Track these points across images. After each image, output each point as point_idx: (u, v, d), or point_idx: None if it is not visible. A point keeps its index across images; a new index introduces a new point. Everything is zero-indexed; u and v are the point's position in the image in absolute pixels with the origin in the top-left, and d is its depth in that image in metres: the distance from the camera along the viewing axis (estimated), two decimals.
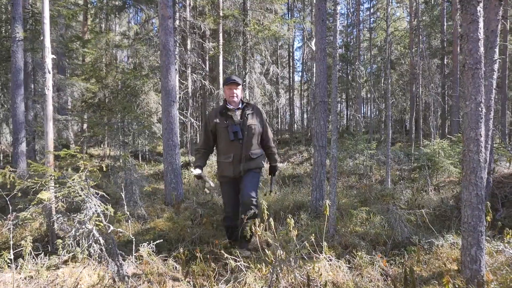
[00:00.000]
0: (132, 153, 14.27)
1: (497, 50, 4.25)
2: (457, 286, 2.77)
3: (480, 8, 2.84)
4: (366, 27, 25.01)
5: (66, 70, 14.97)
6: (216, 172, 3.92)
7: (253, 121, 3.77)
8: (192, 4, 13.82)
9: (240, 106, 3.82)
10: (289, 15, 23.90)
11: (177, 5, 12.13)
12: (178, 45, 12.15)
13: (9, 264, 3.43)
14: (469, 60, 2.89)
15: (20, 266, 3.49)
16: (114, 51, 15.86)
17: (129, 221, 4.50)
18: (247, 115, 3.75)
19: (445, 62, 18.21)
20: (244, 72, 13.02)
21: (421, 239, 3.99)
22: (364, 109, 31.07)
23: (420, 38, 15.36)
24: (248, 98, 13.04)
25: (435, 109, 18.24)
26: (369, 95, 26.34)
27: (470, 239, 2.91)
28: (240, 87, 3.80)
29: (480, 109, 2.87)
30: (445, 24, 17.10)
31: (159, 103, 12.68)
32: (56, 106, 13.07)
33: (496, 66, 4.26)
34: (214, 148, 4.01)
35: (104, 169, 4.06)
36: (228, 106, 3.77)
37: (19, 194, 3.47)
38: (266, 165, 4.55)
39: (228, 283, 3.20)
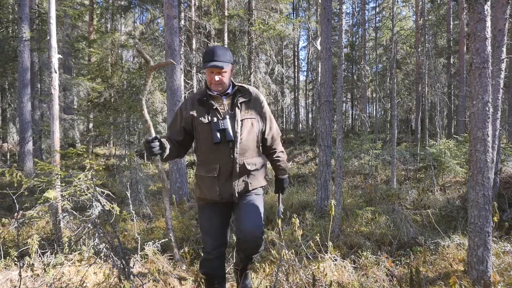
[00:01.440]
0: (138, 152, 14.33)
1: (504, 49, 4.21)
2: (463, 287, 2.76)
3: (487, 6, 2.82)
4: (371, 27, 24.92)
5: (72, 70, 15.08)
6: (194, 192, 2.58)
7: (250, 112, 2.45)
8: (197, 4, 13.85)
9: (229, 91, 2.46)
10: (294, 14, 23.89)
11: (182, 5, 12.16)
12: (183, 45, 12.18)
13: (16, 262, 3.46)
14: (476, 59, 2.86)
15: (27, 264, 3.52)
16: (119, 51, 15.95)
17: (135, 220, 4.52)
18: (240, 104, 2.43)
19: (451, 62, 18.08)
20: (249, 72, 13.03)
21: (427, 240, 3.97)
22: (370, 109, 30.96)
23: (426, 38, 15.25)
24: None
25: (441, 109, 18.12)
26: (374, 95, 26.24)
27: (477, 240, 2.89)
28: (226, 70, 2.37)
29: (487, 108, 2.84)
30: (452, 23, 16.98)
31: (164, 103, 12.72)
32: (62, 106, 13.16)
33: (503, 66, 4.22)
34: (190, 151, 2.72)
35: (110, 168, 4.08)
36: (210, 93, 2.43)
37: (26, 193, 3.50)
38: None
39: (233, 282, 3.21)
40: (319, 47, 6.46)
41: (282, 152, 2.71)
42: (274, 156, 2.67)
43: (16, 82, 11.21)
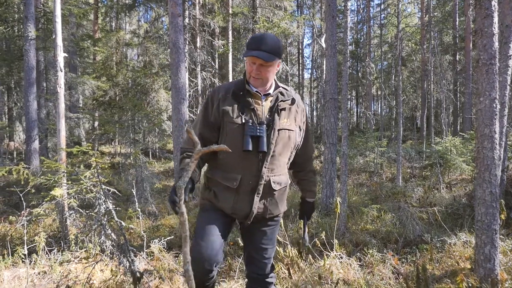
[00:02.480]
0: (143, 151, 14.40)
1: None
2: (470, 285, 2.74)
3: (494, 2, 2.79)
4: (376, 24, 24.78)
5: (78, 69, 15.13)
6: (200, 194, 2.18)
7: (289, 123, 2.02)
8: (201, 2, 13.84)
9: (271, 91, 2.03)
10: (299, 12, 23.82)
11: (186, 3, 12.16)
12: (187, 43, 12.18)
13: (23, 260, 3.49)
14: (483, 56, 2.84)
15: (34, 261, 3.55)
16: (124, 50, 15.97)
17: (140, 218, 4.54)
18: (281, 110, 2.00)
19: (457, 59, 17.95)
20: None
21: (433, 237, 3.96)
22: (375, 106, 30.84)
23: (431, 34, 15.16)
24: None
25: (447, 106, 18.02)
26: (379, 92, 26.14)
27: (484, 238, 2.87)
28: (271, 64, 1.93)
29: (494, 105, 2.82)
30: (457, 19, 16.85)
31: (169, 101, 12.74)
32: (68, 104, 13.22)
33: (511, 62, 4.17)
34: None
35: (115, 166, 4.10)
36: (249, 88, 1.98)
37: (33, 191, 3.52)
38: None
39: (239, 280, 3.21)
40: (323, 45, 6.45)
41: (313, 172, 2.31)
42: (303, 176, 2.27)
43: (22, 81, 11.28)
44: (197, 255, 1.87)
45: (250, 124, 1.91)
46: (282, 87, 2.05)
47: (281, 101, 2.00)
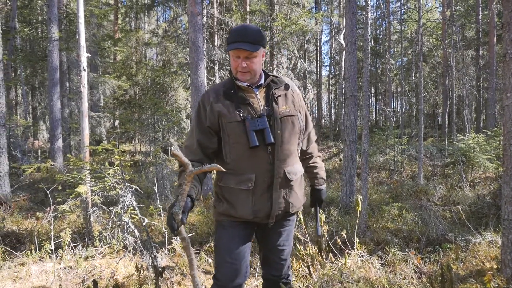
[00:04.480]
0: (162, 149, 14.58)
1: None
2: (497, 285, 2.68)
3: None
4: (396, 19, 24.35)
5: (99, 68, 15.44)
6: (214, 208, 2.05)
7: (289, 109, 1.94)
8: (219, 1, 13.90)
9: (262, 81, 1.96)
10: (317, 8, 23.60)
11: (204, 1, 12.23)
12: (206, 41, 12.26)
13: (50, 255, 3.60)
14: (510, 50, 2.76)
15: (60, 256, 3.65)
16: (143, 49, 16.21)
17: (162, 215, 4.60)
18: (277, 97, 1.93)
19: (480, 54, 17.46)
20: (271, 67, 13.00)
21: (457, 237, 3.88)
22: (394, 104, 30.34)
23: (453, 29, 14.80)
24: None
25: (469, 103, 17.57)
26: (399, 89, 25.73)
27: (511, 237, 2.80)
28: (256, 55, 1.85)
29: None
30: (481, 13, 16.38)
31: (187, 100, 12.88)
32: (89, 104, 13.48)
33: None
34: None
35: (136, 164, 4.17)
36: (239, 83, 1.91)
37: (60, 187, 3.62)
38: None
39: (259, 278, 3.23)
40: (342, 41, 6.39)
41: (320, 157, 2.23)
42: (310, 162, 2.17)
43: (46, 81, 11.59)
44: (223, 278, 1.88)
45: (250, 119, 1.83)
46: (273, 76, 1.99)
47: (275, 89, 1.95)
